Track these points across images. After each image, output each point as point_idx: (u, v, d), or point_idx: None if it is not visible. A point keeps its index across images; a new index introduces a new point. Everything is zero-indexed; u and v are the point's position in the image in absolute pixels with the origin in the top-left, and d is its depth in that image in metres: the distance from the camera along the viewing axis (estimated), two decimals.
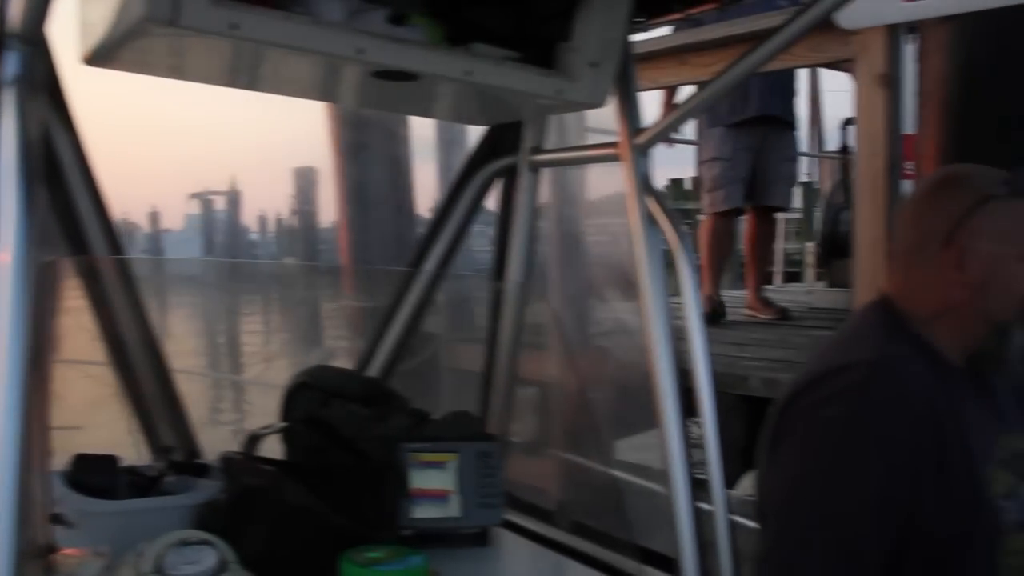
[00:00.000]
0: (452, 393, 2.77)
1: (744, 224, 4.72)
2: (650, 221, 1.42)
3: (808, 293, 5.65)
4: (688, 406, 1.39)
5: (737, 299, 4.80)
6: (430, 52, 1.22)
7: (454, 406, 1.63)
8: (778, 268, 7.11)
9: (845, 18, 2.08)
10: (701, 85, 1.47)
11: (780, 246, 6.88)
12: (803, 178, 9.18)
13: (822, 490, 1.15)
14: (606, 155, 1.51)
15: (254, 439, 1.47)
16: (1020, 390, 1.40)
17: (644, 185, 1.43)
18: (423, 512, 1.51)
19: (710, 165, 4.36)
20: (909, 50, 2.18)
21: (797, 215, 9.33)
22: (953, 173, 1.36)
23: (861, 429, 1.14)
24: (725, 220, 4.46)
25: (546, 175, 1.87)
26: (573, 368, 2.12)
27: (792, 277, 7.34)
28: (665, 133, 1.45)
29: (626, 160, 1.45)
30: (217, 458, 1.45)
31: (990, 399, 1.30)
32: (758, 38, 1.25)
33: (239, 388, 5.04)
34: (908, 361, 1.21)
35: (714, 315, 4.34)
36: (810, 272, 6.65)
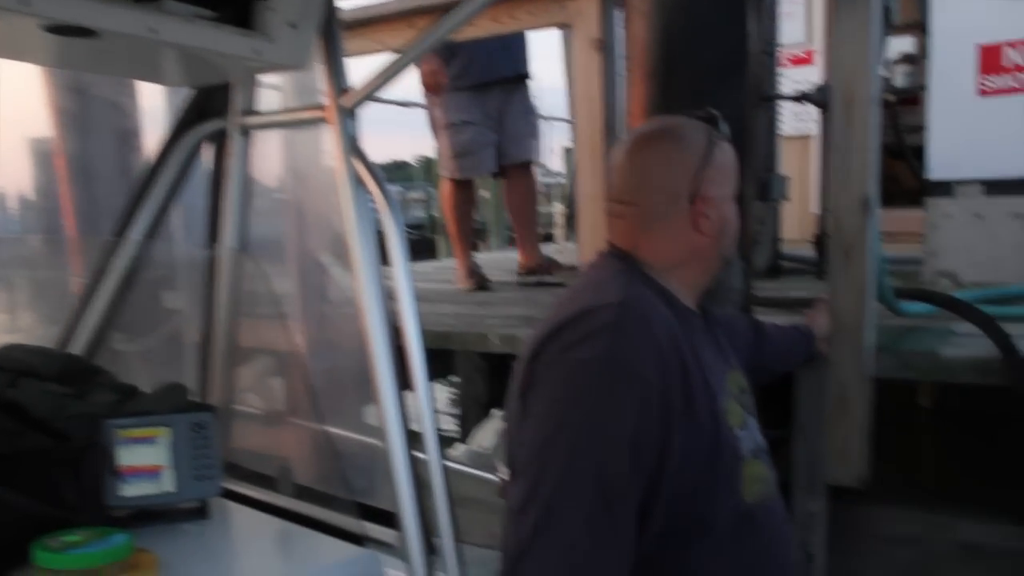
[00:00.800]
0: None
1: (502, 187, 4.70)
2: (358, 184, 1.45)
3: (559, 253, 5.94)
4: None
5: (502, 261, 4.88)
6: (108, 6, 1.17)
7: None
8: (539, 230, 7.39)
9: None
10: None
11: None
12: (568, 144, 9.53)
13: (579, 430, 1.16)
14: (315, 117, 1.52)
15: None
16: (728, 322, 1.57)
17: (351, 147, 1.46)
18: (134, 490, 1.48)
19: (458, 129, 4.32)
20: (618, 17, 2.35)
21: (562, 180, 9.72)
22: (669, 128, 1.42)
23: (615, 367, 1.16)
24: (467, 187, 4.49)
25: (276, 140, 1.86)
26: (305, 334, 2.14)
27: (550, 238, 7.68)
28: (371, 94, 1.47)
29: (332, 122, 1.47)
30: None
31: (717, 338, 1.42)
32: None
33: None
34: (653, 303, 1.27)
35: (481, 286, 4.36)
36: (560, 232, 6.97)
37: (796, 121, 5.75)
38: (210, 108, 1.72)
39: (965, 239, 3.67)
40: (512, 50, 4.30)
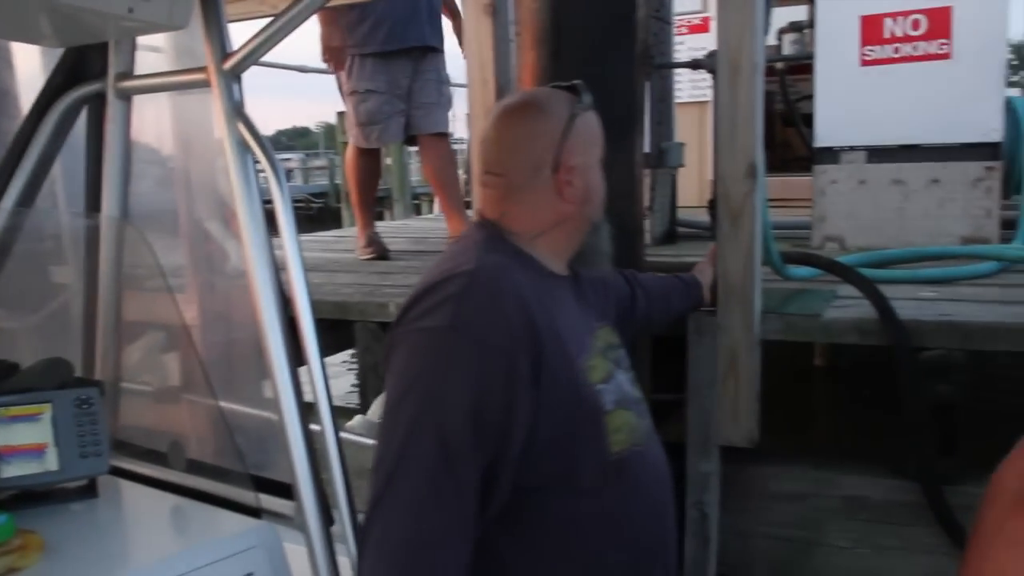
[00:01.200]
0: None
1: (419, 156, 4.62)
2: (243, 149, 1.43)
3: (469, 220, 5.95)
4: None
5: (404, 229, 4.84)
6: None
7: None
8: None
9: None
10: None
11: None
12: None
13: (423, 396, 1.21)
14: (196, 81, 1.50)
15: None
16: (602, 281, 1.63)
17: (235, 111, 1.44)
18: (15, 470, 1.45)
19: (362, 98, 4.23)
20: None
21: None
22: (532, 100, 1.49)
23: (458, 335, 1.21)
24: (373, 155, 4.42)
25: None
26: (196, 307, 2.10)
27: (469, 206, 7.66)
28: (255, 57, 1.45)
29: (215, 86, 1.44)
30: None
31: (585, 298, 1.49)
32: None
33: None
34: (505, 269, 1.31)
35: (381, 255, 4.33)
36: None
37: (693, 88, 5.89)
38: (87, 70, 1.67)
39: (850, 204, 3.85)
40: (421, 20, 4.21)
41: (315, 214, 21.11)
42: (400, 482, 1.19)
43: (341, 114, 16.24)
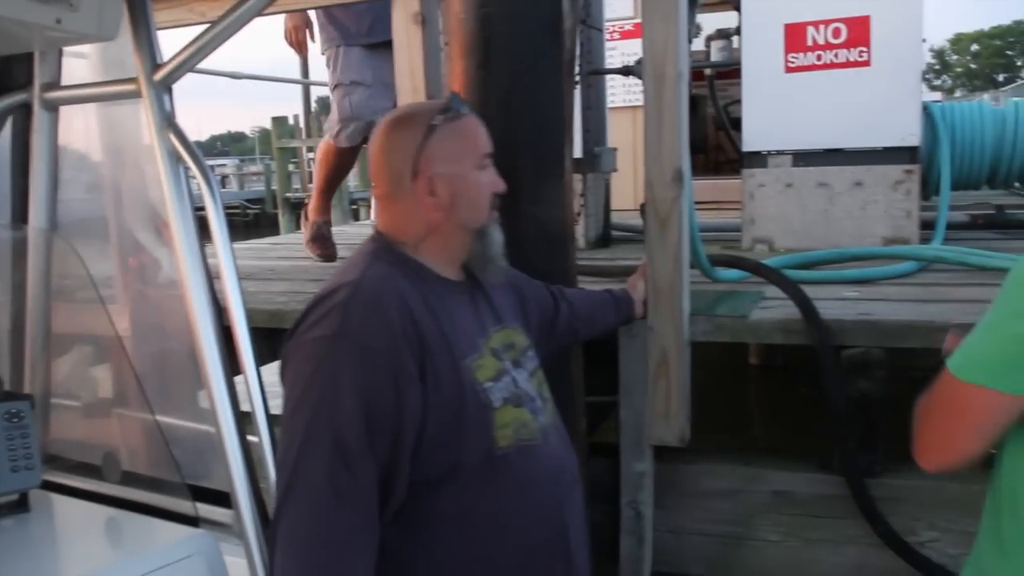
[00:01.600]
0: None
1: None
2: (174, 159, 1.45)
3: None
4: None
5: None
6: None
7: None
8: None
9: None
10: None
11: None
12: None
13: (316, 402, 1.29)
14: (126, 91, 1.51)
15: None
16: (515, 288, 1.69)
17: (166, 122, 1.46)
18: None
19: (349, 89, 4.07)
20: None
21: None
22: (401, 114, 1.58)
23: (343, 342, 1.30)
24: (351, 153, 4.27)
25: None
26: (129, 318, 2.10)
27: None
28: (186, 68, 1.47)
29: (145, 96, 1.46)
30: None
31: (486, 301, 1.55)
32: None
33: None
34: (389, 278, 1.40)
35: (328, 256, 4.28)
36: None
37: (627, 93, 6.00)
38: (12, 80, 1.67)
39: (778, 207, 3.98)
40: None
41: (251, 220, 20.85)
42: (300, 488, 1.27)
43: (276, 119, 16.05)
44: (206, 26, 1.45)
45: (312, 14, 4.37)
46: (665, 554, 2.66)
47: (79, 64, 1.73)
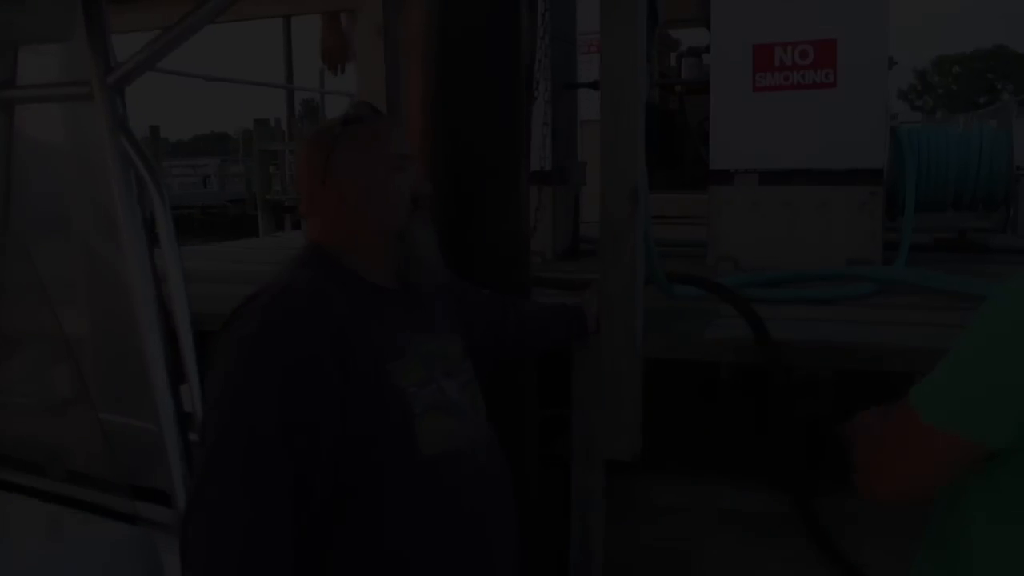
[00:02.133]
0: None
1: None
2: (126, 162, 1.50)
3: None
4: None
5: None
6: None
7: None
8: None
9: None
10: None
11: None
12: None
13: (230, 406, 1.32)
14: (79, 93, 1.56)
15: None
16: (455, 296, 1.75)
17: (118, 125, 1.51)
18: None
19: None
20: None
21: None
22: (312, 131, 1.67)
23: (265, 343, 1.33)
24: None
25: None
26: (77, 318, 2.14)
27: None
28: (139, 72, 1.52)
29: (98, 99, 1.51)
30: None
31: (420, 309, 1.60)
32: None
33: None
34: (311, 281, 1.44)
35: None
36: None
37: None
38: None
39: (743, 225, 4.06)
40: None
41: (232, 221, 20.71)
42: (210, 486, 1.29)
43: (258, 122, 16.06)
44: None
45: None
46: (615, 570, 2.71)
47: (52, 64, 1.77)
